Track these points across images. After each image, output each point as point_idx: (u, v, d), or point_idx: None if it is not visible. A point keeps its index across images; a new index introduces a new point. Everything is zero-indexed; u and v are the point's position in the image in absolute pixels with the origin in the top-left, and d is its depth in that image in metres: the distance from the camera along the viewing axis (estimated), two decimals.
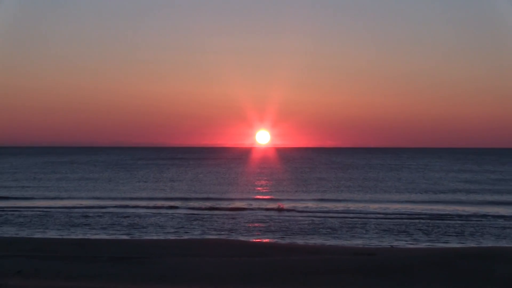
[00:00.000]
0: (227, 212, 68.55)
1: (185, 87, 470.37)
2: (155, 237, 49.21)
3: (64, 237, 49.00)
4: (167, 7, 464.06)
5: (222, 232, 52.94)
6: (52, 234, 50.91)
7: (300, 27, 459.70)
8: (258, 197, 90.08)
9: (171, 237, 49.60)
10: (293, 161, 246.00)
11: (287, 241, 47.76)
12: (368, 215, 65.61)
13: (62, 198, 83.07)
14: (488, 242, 47.15)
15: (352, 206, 74.62)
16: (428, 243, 46.90)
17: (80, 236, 49.32)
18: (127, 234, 51.03)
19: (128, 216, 63.93)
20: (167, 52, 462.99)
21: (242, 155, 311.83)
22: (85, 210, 70.17)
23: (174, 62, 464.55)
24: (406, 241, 47.88)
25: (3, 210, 69.11)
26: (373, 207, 73.56)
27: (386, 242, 46.95)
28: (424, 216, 64.96)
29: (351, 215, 66.11)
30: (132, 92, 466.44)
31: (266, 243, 46.86)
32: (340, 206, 74.73)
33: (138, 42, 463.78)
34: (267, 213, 69.27)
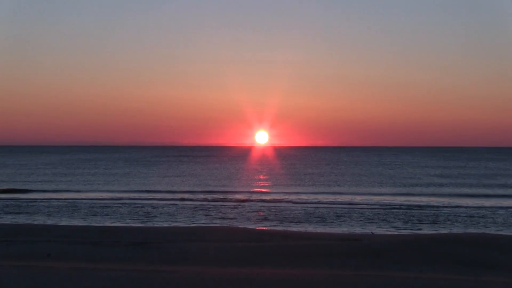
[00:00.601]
0: (229, 203, 68.75)
1: (194, 93, 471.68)
2: (167, 225, 49.43)
3: (88, 224, 49.26)
4: (178, 21, 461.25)
5: (225, 220, 53.20)
6: (77, 222, 51.19)
7: (294, 42, 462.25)
8: (257, 190, 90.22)
9: (181, 224, 49.85)
10: (289, 158, 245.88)
11: (282, 228, 47.99)
12: (353, 206, 65.79)
13: (85, 191, 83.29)
14: (457, 229, 47.48)
15: (339, 197, 74.94)
16: (405, 230, 47.17)
17: (101, 224, 49.59)
18: (143, 222, 51.28)
19: (143, 207, 64.16)
20: (178, 62, 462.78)
21: (243, 153, 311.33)
22: (106, 201, 70.35)
23: (184, 72, 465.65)
24: (386, 228, 48.18)
25: (35, 201, 69.42)
26: (357, 198, 73.91)
27: (369, 229, 47.20)
28: (402, 206, 65.19)
29: (338, 205, 66.27)
30: (149, 98, 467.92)
31: (263, 230, 47.08)
32: (329, 197, 74.88)
33: (154, 53, 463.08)
34: (265, 204, 69.43)
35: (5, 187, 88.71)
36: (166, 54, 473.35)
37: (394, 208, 62.86)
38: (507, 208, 63.60)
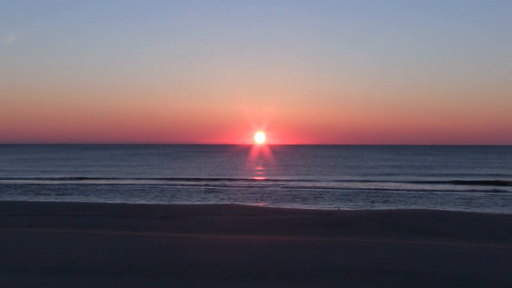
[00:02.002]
0: (235, 187, 68.96)
1: (208, 104, 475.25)
2: (187, 203, 49.64)
3: (129, 203, 49.42)
4: (195, 50, 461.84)
5: (231, 200, 53.42)
6: (120, 201, 51.36)
7: (285, 65, 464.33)
8: (255, 177, 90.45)
9: (198, 203, 50.05)
10: (280, 154, 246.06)
11: (275, 205, 48.21)
12: (326, 189, 66.07)
13: (127, 178, 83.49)
14: (404, 206, 47.82)
15: (317, 183, 75.16)
16: (364, 207, 47.45)
17: (139, 202, 49.78)
18: (170, 201, 51.48)
19: (169, 190, 64.40)
20: (196, 81, 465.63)
21: (244, 150, 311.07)
22: (142, 186, 70.55)
23: (201, 88, 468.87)
24: (351, 206, 48.38)
25: (89, 185, 69.52)
26: (330, 184, 74.03)
27: (338, 206, 47.43)
28: (362, 189, 65.41)
29: (316, 189, 66.56)
30: (175, 108, 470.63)
31: (260, 206, 47.32)
32: (309, 183, 75.16)
33: (180, 75, 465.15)
34: (261, 187, 69.74)
35: (75, 175, 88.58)
36: (188, 75, 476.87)
37: (356, 191, 63.32)
38: (441, 190, 64.18)
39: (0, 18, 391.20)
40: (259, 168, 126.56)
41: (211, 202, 51.28)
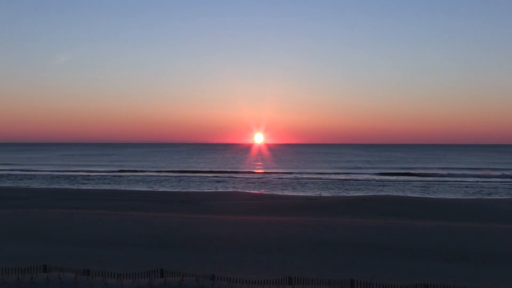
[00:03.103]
0: (238, 178, 68.64)
1: (217, 110, 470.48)
2: (200, 190, 49.39)
3: (154, 190, 49.14)
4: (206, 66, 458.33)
5: (235, 188, 53.27)
6: (147, 188, 51.12)
7: (279, 78, 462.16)
8: (255, 170, 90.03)
9: (209, 190, 49.77)
10: (275, 151, 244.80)
11: (269, 192, 47.98)
12: (311, 179, 65.76)
13: (153, 170, 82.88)
14: (373, 192, 47.43)
15: (304, 175, 74.64)
16: (344, 193, 47.28)
17: (161, 190, 49.53)
18: (186, 189, 51.23)
19: (186, 179, 64.09)
20: (206, 92, 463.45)
21: (245, 148, 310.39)
22: (165, 176, 70.05)
23: (210, 98, 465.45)
24: (331, 192, 48.13)
25: (123, 176, 69.29)
26: (314, 175, 73.60)
27: (320, 193, 47.26)
28: (342, 179, 65.11)
29: (302, 179, 66.19)
30: (187, 112, 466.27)
31: (259, 193, 47.05)
32: (297, 174, 74.73)
33: (194, 86, 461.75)
34: (259, 178, 69.41)
35: (115, 168, 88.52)
36: (199, 87, 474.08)
37: (334, 181, 63.09)
38: (402, 180, 63.90)
39: (53, 43, 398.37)
40: (257, 163, 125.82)
41: (219, 190, 51.04)
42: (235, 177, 69.41)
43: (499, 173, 71.89)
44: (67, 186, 53.04)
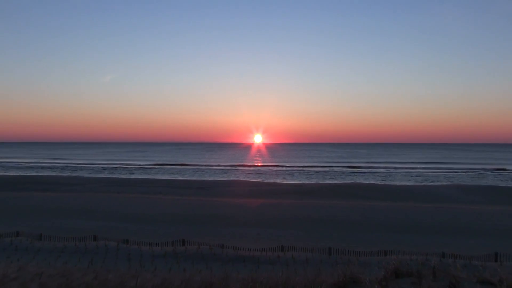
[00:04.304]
0: (241, 169, 68.38)
1: (223, 116, 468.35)
2: (212, 179, 49.09)
3: (176, 179, 48.77)
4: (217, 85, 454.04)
5: (239, 177, 53.06)
6: (170, 177, 50.82)
7: (275, 87, 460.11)
8: (254, 163, 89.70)
9: (220, 179, 49.46)
10: (272, 149, 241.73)
11: (266, 181, 47.77)
12: (297, 170, 65.40)
13: (174, 164, 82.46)
14: (347, 181, 47.13)
15: (293, 167, 74.32)
16: (323, 181, 47.02)
17: (181, 178, 49.18)
18: (201, 177, 50.89)
19: (201, 170, 63.77)
20: (213, 100, 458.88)
21: (247, 147, 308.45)
22: (185, 168, 69.67)
23: (216, 105, 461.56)
24: (312, 181, 47.76)
25: (153, 169, 68.94)
26: (300, 167, 73.34)
27: (303, 181, 46.93)
28: (322, 171, 64.75)
29: (291, 170, 65.85)
30: (200, 118, 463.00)
31: (258, 181, 46.89)
32: (287, 167, 74.42)
33: (204, 96, 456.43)
34: (258, 169, 69.12)
35: (147, 162, 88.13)
36: (209, 97, 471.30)
37: (316, 171, 62.91)
38: (367, 172, 63.74)
39: (100, 63, 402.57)
40: (256, 158, 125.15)
41: (227, 179, 50.97)
42: (239, 169, 69.23)
43: (441, 166, 71.85)
44: (110, 175, 52.83)
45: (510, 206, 24.82)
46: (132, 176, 51.58)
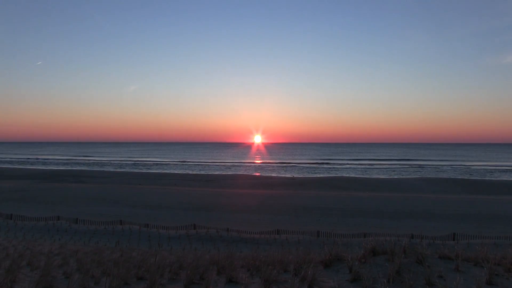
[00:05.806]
0: (243, 165, 68.16)
1: (227, 118, 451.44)
2: (218, 173, 48.81)
3: (188, 173, 48.50)
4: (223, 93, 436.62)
5: (241, 172, 52.83)
6: (182, 171, 50.49)
7: (275, 89, 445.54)
8: (254, 160, 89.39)
9: (225, 173, 49.23)
10: (270, 148, 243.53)
11: (264, 174, 47.59)
12: (289, 165, 65.22)
13: (187, 160, 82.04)
14: (333, 174, 46.90)
15: (287, 163, 74.05)
16: (312, 175, 46.77)
17: (192, 173, 48.82)
18: (208, 172, 50.55)
19: (208, 166, 63.51)
20: (217, 104, 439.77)
21: (247, 146, 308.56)
22: (194, 164, 69.25)
23: (219, 109, 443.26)
24: (304, 175, 47.58)
25: (169, 164, 68.65)
26: (293, 164, 73.07)
27: (296, 175, 46.71)
28: (311, 166, 64.46)
29: (285, 166, 65.60)
30: (207, 121, 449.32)
31: (257, 175, 46.72)
32: (282, 163, 74.11)
33: (209, 100, 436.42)
34: (257, 166, 68.89)
35: (163, 159, 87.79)
36: (212, 102, 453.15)
37: (306, 167, 62.69)
38: (349, 168, 63.53)
39: (125, 75, 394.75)
40: (256, 156, 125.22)
41: (230, 173, 50.84)
42: (241, 165, 69.12)
43: (413, 162, 71.78)
44: (132, 170, 52.72)
45: (464, 194, 24.96)
46: (151, 171, 51.44)
